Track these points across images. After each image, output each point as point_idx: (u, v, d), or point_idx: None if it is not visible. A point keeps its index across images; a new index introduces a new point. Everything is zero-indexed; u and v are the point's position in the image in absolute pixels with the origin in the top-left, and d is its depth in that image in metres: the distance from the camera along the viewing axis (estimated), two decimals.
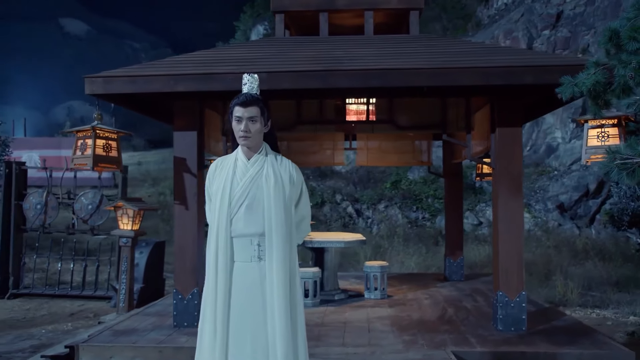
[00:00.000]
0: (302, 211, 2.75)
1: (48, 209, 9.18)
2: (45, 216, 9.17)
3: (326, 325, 5.25)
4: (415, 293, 6.85)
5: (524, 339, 4.69)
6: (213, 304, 2.51)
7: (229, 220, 2.54)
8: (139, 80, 4.63)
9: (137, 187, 22.22)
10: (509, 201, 4.97)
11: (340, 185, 20.94)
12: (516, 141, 4.97)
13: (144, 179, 24.26)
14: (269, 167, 2.60)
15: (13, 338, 6.87)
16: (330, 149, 7.96)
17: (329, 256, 6.51)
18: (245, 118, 2.55)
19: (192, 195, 5.15)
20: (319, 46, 5.41)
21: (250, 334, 2.50)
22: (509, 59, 4.62)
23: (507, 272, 4.96)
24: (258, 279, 2.53)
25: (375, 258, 14.06)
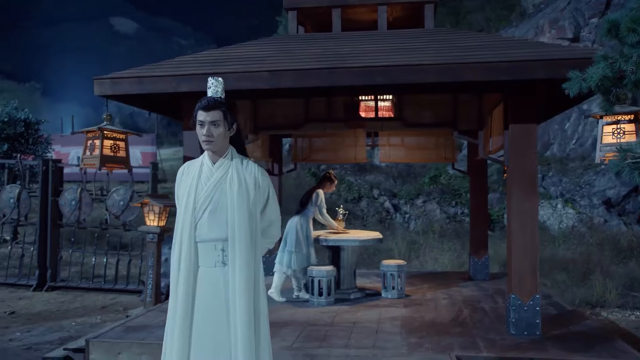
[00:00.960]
0: (271, 216, 2.70)
1: (82, 205, 9.45)
2: (79, 212, 9.45)
3: (335, 325, 5.20)
4: (434, 293, 6.71)
5: (535, 345, 4.51)
6: (174, 309, 2.51)
7: (193, 225, 2.53)
8: (145, 81, 4.68)
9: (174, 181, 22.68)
10: (523, 201, 4.77)
11: (379, 179, 20.78)
12: (530, 138, 4.76)
13: None
14: (233, 172, 2.56)
15: (44, 330, 7.12)
16: (352, 146, 7.87)
17: (345, 255, 6.45)
18: (208, 122, 2.52)
19: None
20: (327, 43, 5.34)
21: (213, 340, 2.48)
22: (518, 53, 4.42)
23: (521, 274, 4.78)
24: (222, 285, 2.51)
25: (409, 254, 13.89)
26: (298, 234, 6.29)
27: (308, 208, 6.53)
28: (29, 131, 12.72)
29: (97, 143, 4.68)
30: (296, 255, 6.25)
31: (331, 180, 6.81)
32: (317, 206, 6.57)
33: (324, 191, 6.76)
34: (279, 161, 7.97)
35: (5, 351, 6.19)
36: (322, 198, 6.66)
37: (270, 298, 6.31)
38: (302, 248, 6.28)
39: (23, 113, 12.73)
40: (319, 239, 6.40)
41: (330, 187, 6.83)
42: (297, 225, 6.35)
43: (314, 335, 4.82)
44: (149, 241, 7.54)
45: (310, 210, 6.54)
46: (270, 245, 2.83)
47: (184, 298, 2.50)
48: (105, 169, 4.77)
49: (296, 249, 6.26)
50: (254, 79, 4.54)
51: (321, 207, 6.62)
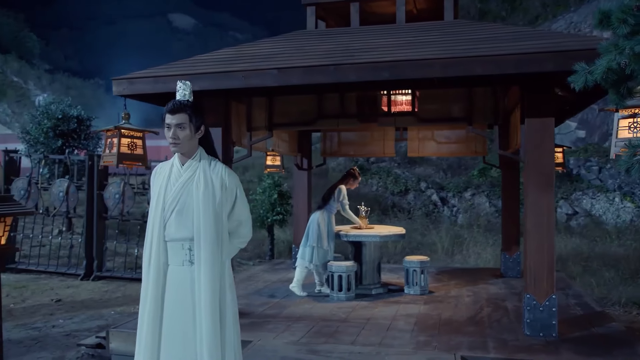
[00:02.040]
0: (239, 216, 2.74)
1: (125, 198, 9.82)
2: (122, 205, 9.83)
3: (348, 321, 5.21)
4: (460, 290, 6.58)
5: (549, 347, 4.35)
6: (144, 306, 2.60)
7: (163, 225, 2.60)
8: (160, 80, 4.82)
9: None
10: (539, 198, 4.61)
11: (429, 172, 20.49)
12: (547, 133, 4.58)
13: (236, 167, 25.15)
14: (200, 173, 2.62)
15: (85, 317, 7.47)
16: (380, 140, 7.81)
17: (367, 250, 6.42)
18: (174, 125, 2.58)
19: None
20: (340, 38, 5.31)
21: (180, 337, 2.56)
22: (528, 45, 4.25)
23: (536, 273, 4.62)
24: (189, 283, 2.57)
25: (452, 249, 13.66)
26: (320, 229, 6.32)
27: (330, 204, 6.55)
28: (81, 127, 13.31)
29: (115, 141, 4.86)
30: (317, 250, 6.28)
31: (354, 177, 6.80)
32: (339, 202, 6.58)
33: (347, 187, 6.75)
34: (308, 156, 8.01)
35: (46, 337, 6.53)
36: (345, 194, 6.65)
37: (292, 292, 6.39)
38: (323, 243, 6.30)
39: (76, 110, 13.32)
40: (339, 234, 6.40)
41: (354, 184, 6.81)
42: (319, 220, 6.37)
43: (324, 331, 4.85)
44: None
45: (332, 206, 6.56)
46: (242, 244, 2.87)
47: (153, 295, 2.58)
48: (122, 166, 4.95)
49: (317, 244, 6.29)
50: (262, 76, 4.58)
51: (344, 203, 6.61)
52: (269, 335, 4.71)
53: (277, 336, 4.70)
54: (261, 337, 4.64)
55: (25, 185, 10.13)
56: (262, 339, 4.61)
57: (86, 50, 59.97)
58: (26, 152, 11.78)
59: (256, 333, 4.78)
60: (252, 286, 6.87)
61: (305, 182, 7.95)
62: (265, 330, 4.87)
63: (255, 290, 6.60)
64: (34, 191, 10.15)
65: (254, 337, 4.64)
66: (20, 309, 7.86)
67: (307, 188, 7.94)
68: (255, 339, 4.60)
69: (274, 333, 4.79)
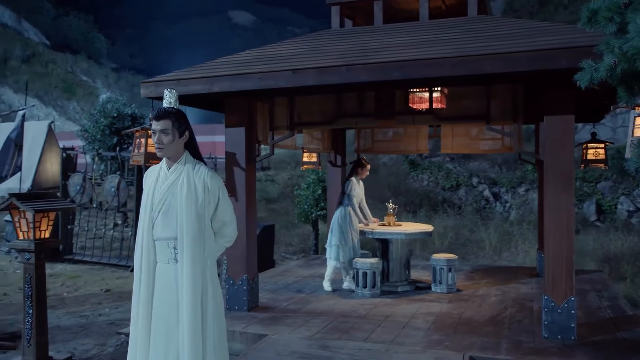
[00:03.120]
0: (223, 217, 2.87)
1: None
2: None
3: (367, 317, 5.26)
4: (489, 288, 6.48)
5: (564, 350, 4.26)
6: (137, 300, 2.77)
7: (151, 225, 2.77)
8: (182, 82, 5.02)
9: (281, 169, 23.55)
10: (558, 198, 4.49)
11: (484, 166, 20.06)
12: (567, 131, 4.46)
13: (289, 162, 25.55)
14: (184, 176, 2.77)
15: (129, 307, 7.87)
16: (414, 137, 7.77)
17: (394, 247, 6.43)
18: (158, 131, 2.73)
19: (241, 188, 5.47)
20: (359, 37, 5.34)
21: (165, 330, 2.71)
22: (540, 41, 4.14)
23: (555, 275, 4.52)
24: (174, 280, 2.73)
25: (501, 246, 13.36)
26: (341, 227, 6.37)
27: (345, 199, 6.54)
28: (134, 125, 13.91)
29: (142, 141, 5.12)
30: (342, 248, 6.34)
31: (362, 166, 6.68)
32: (347, 194, 6.52)
33: (359, 177, 6.67)
34: (342, 152, 8.07)
35: (92, 324, 6.94)
36: (354, 186, 6.56)
37: (320, 288, 6.50)
38: (346, 240, 6.34)
39: (130, 108, 13.94)
40: (364, 231, 6.44)
41: (363, 172, 6.69)
42: (339, 218, 6.42)
43: (340, 327, 4.93)
44: None
45: (347, 201, 6.54)
46: (227, 244, 3.00)
47: (145, 291, 2.76)
48: (150, 165, 5.19)
49: (340, 242, 6.34)
50: (277, 77, 4.69)
51: (351, 195, 6.53)
52: (286, 330, 4.84)
53: (293, 331, 4.82)
54: (277, 331, 4.78)
55: (80, 181, 10.72)
56: (278, 333, 4.75)
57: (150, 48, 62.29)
58: (81, 149, 12.44)
59: (274, 327, 4.93)
60: (282, 281, 7.03)
61: (339, 178, 8.01)
62: (283, 325, 5.01)
63: (284, 285, 6.76)
64: (88, 186, 10.72)
65: (271, 331, 4.78)
66: (72, 298, 8.36)
67: (341, 185, 7.98)
68: (271, 332, 4.74)
69: (291, 327, 4.92)
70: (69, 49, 47.28)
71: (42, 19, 49.29)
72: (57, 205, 5.54)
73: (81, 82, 42.92)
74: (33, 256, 5.29)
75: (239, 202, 5.48)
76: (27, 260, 5.37)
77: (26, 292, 5.43)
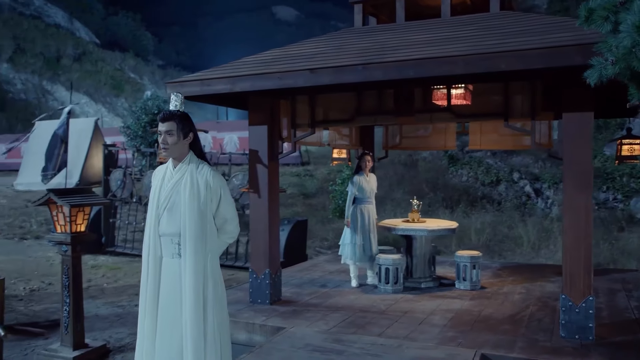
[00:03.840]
0: (225, 214, 2.99)
1: None
2: None
3: (385, 313, 5.32)
4: (514, 286, 6.42)
5: (579, 350, 4.21)
6: (145, 293, 2.94)
7: (157, 221, 2.93)
8: (206, 82, 5.18)
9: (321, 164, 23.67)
10: (576, 196, 4.44)
11: (527, 162, 19.65)
12: (585, 128, 4.40)
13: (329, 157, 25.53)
14: (188, 175, 2.91)
15: None
16: (442, 133, 7.73)
17: (418, 244, 6.45)
18: (164, 132, 2.88)
19: (263, 185, 5.61)
20: (379, 36, 5.38)
21: (170, 322, 2.87)
22: (555, 38, 4.08)
23: (573, 274, 4.47)
24: (178, 274, 2.88)
25: (539, 243, 13.11)
26: (352, 226, 6.42)
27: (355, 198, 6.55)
28: None
29: None
30: (351, 247, 6.39)
31: (362, 159, 6.61)
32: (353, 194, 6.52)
33: (367, 171, 6.62)
34: (370, 149, 8.10)
35: (128, 314, 7.25)
36: (355, 182, 6.50)
37: (344, 283, 6.60)
38: (354, 239, 6.39)
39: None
40: (389, 227, 6.49)
41: (367, 166, 6.59)
42: (349, 217, 6.46)
43: (357, 322, 5.01)
44: None
45: (360, 199, 6.51)
46: (230, 240, 3.13)
47: (152, 285, 2.92)
48: None
49: (350, 240, 6.40)
50: (296, 77, 4.79)
51: (351, 193, 6.50)
52: (304, 323, 4.96)
53: (311, 324, 4.94)
54: (295, 325, 4.91)
55: (121, 176, 11.13)
56: (296, 326, 4.87)
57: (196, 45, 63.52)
58: (122, 146, 12.89)
59: (293, 320, 5.05)
60: (307, 275, 7.16)
61: None
62: (302, 319, 5.13)
63: (309, 280, 6.88)
64: (128, 181, 11.13)
65: (289, 325, 4.91)
66: (111, 289, 8.73)
67: None
68: (289, 326, 4.87)
69: (309, 321, 5.03)
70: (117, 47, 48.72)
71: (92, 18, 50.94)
72: (91, 200, 5.82)
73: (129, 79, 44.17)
74: (70, 248, 5.59)
75: (262, 198, 5.62)
76: (65, 252, 5.68)
77: (64, 282, 5.74)
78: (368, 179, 6.58)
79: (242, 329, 5.00)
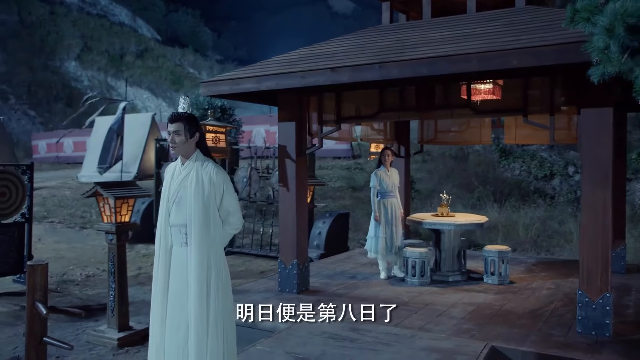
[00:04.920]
0: (228, 207, 3.23)
1: (252, 181, 10.86)
2: (250, 188, 10.87)
3: (407, 304, 5.45)
4: (544, 282, 6.38)
5: (592, 346, 4.22)
6: (156, 279, 3.22)
7: (168, 213, 3.21)
8: (235, 82, 5.46)
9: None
10: (595, 192, 4.42)
11: None
12: (604, 123, 4.36)
13: None
14: (193, 172, 3.18)
15: None
16: (477, 127, 7.73)
17: (446, 238, 6.52)
18: (172, 132, 3.15)
19: (292, 179, 5.84)
20: (402, 33, 5.48)
21: (178, 306, 3.14)
22: (567, 34, 4.06)
23: (590, 270, 4.46)
24: (185, 261, 3.15)
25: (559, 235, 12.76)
26: (378, 219, 6.56)
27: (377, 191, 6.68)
28: (224, 116, 14.78)
29: None
30: (375, 240, 6.53)
31: (382, 154, 6.72)
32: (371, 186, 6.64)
33: (388, 166, 6.71)
34: (405, 144, 8.19)
35: None
36: (376, 177, 6.64)
37: (374, 275, 6.76)
38: (378, 232, 6.51)
39: (220, 100, 14.80)
40: (418, 221, 6.59)
41: (387, 160, 6.68)
42: (374, 210, 6.59)
43: (376, 312, 5.16)
44: None
45: (383, 193, 6.63)
46: (234, 231, 3.37)
47: (163, 270, 3.21)
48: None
49: (375, 234, 6.54)
50: (317, 75, 4.98)
51: (374, 188, 6.64)
52: None
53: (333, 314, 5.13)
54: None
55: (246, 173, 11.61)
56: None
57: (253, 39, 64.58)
58: None
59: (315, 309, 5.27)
60: (340, 267, 7.35)
61: (403, 169, 8.13)
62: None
63: (341, 271, 7.08)
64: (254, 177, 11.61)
65: None
66: None
67: (404, 175, 8.12)
68: None
69: None
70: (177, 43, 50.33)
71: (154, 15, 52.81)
72: (135, 192, 6.23)
73: (188, 74, 45.56)
74: (115, 237, 6.02)
75: (290, 192, 5.86)
76: (110, 241, 6.12)
77: (110, 269, 6.19)
78: (389, 173, 6.70)
79: (267, 316, 5.26)
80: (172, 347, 3.16)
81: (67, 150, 26.42)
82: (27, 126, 31.46)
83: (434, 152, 21.91)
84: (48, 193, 17.09)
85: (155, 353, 3.24)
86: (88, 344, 6.06)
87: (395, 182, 6.75)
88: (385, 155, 6.70)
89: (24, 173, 8.30)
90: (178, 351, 3.15)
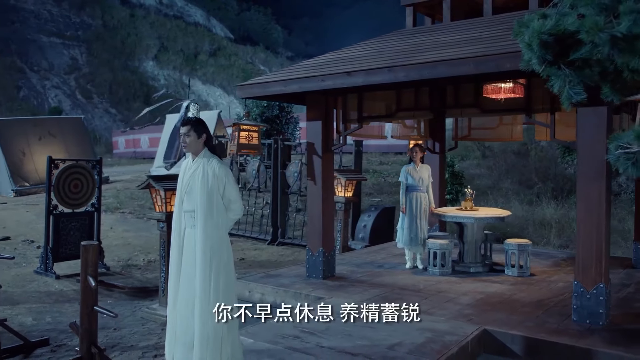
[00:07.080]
0: (230, 196, 3.80)
1: (302, 176, 11.45)
2: (300, 182, 11.47)
3: (420, 292, 5.83)
4: (566, 275, 6.52)
5: (582, 333, 4.45)
6: (171, 259, 3.85)
7: (181, 201, 3.82)
8: (266, 85, 6.03)
9: None
10: (590, 186, 4.63)
11: None
12: (599, 122, 4.56)
13: None
14: (200, 167, 3.77)
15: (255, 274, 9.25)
16: (509, 124, 7.90)
17: (468, 231, 6.80)
18: (183, 134, 3.76)
19: (318, 173, 6.35)
20: (418, 37, 5.83)
21: (187, 281, 3.74)
22: None
23: (585, 261, 4.68)
24: (194, 241, 3.75)
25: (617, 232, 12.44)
26: (406, 211, 6.92)
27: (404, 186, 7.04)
28: (282, 113, 15.50)
29: (236, 135, 6.27)
30: (402, 231, 6.90)
31: (411, 151, 7.04)
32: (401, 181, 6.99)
33: (419, 162, 7.02)
34: (440, 140, 8.47)
35: None
36: (404, 172, 6.99)
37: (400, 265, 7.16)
38: (405, 224, 6.88)
39: None
40: (442, 215, 6.91)
41: (417, 156, 6.99)
42: (402, 202, 6.96)
43: (389, 297, 5.59)
44: (337, 209, 9.02)
45: (410, 187, 6.99)
46: (236, 216, 3.93)
47: (176, 250, 3.83)
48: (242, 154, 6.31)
49: (401, 225, 6.91)
50: (334, 79, 5.45)
51: (402, 182, 6.99)
52: (342, 296, 5.65)
53: (348, 297, 5.60)
54: (334, 296, 5.61)
55: (229, 165, 12.46)
56: (334, 297, 5.58)
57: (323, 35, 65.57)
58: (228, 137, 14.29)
59: (334, 293, 5.77)
60: (371, 257, 7.79)
61: (437, 165, 8.41)
62: (343, 292, 5.82)
63: (370, 261, 7.52)
64: (234, 169, 12.43)
65: (329, 296, 5.63)
66: None
67: (439, 171, 8.40)
68: (328, 297, 5.59)
69: (348, 294, 5.71)
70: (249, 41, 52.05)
71: (227, 14, 54.88)
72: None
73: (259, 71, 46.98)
74: (165, 225, 6.75)
75: (317, 185, 6.37)
76: (162, 228, 6.87)
77: (161, 254, 6.95)
78: (418, 169, 7.02)
79: (291, 297, 5.82)
80: (182, 321, 3.77)
81: (144, 146, 28.22)
82: (108, 123, 33.79)
83: (495, 147, 21.64)
84: (122, 186, 18.51)
85: (170, 327, 3.87)
86: (142, 320, 6.86)
87: (423, 177, 7.07)
88: (414, 152, 7.06)
89: (94, 167, 9.30)
90: (188, 323, 3.74)
